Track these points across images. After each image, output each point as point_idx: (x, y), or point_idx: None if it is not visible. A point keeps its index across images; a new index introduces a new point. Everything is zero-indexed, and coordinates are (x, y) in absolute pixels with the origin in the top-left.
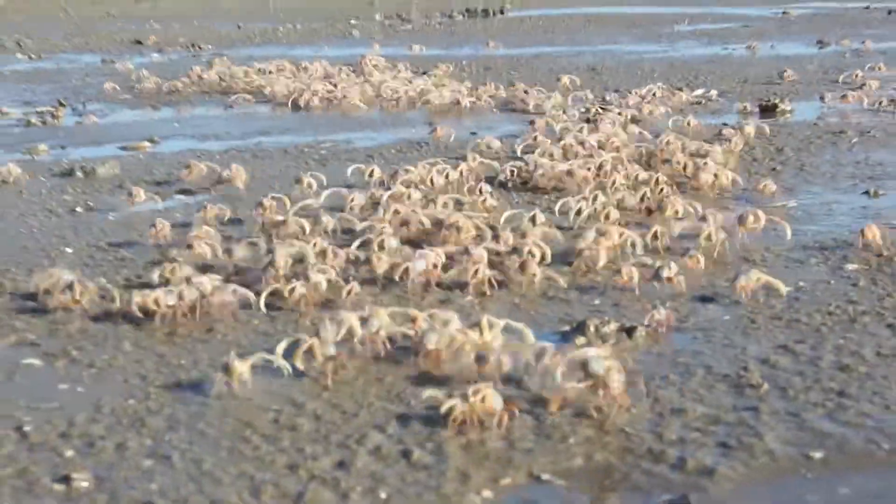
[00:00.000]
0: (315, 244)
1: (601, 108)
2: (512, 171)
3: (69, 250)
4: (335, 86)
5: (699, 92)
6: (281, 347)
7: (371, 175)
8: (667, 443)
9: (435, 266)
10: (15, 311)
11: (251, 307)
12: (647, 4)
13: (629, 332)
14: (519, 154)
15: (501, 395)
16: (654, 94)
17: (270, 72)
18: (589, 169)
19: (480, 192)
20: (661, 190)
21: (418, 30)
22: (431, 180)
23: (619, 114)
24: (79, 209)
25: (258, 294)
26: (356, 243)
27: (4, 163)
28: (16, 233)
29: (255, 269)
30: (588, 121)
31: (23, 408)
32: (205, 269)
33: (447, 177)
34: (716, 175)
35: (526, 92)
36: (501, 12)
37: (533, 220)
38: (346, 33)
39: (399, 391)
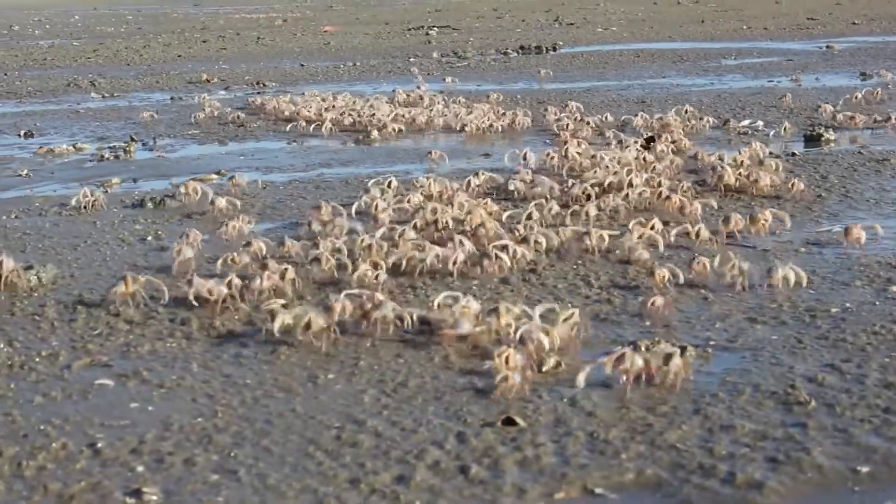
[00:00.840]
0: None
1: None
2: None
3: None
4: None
5: (746, 122)
6: None
7: (389, 186)
8: (717, 458)
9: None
10: (89, 335)
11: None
12: (694, 40)
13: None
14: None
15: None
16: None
17: (326, 102)
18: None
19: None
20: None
21: (474, 66)
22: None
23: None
24: (149, 238)
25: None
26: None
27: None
28: (90, 260)
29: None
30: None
31: (96, 425)
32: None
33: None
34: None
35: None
36: (554, 49)
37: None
38: (405, 70)
39: (457, 409)
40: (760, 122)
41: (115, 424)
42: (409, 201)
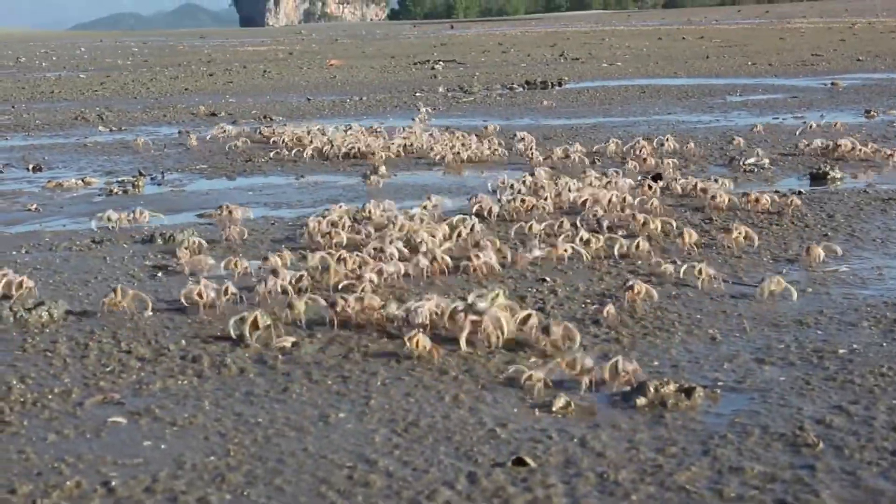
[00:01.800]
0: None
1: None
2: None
3: (149, 313)
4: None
5: (752, 160)
6: None
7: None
8: (726, 500)
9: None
10: (101, 371)
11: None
12: (699, 76)
13: (688, 392)
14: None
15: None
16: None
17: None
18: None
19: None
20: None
21: (480, 101)
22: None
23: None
24: (159, 274)
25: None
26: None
27: (89, 229)
28: (101, 296)
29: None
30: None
31: (109, 463)
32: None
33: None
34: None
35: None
36: (559, 84)
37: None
38: (411, 105)
39: (467, 449)
40: (766, 160)
41: (128, 463)
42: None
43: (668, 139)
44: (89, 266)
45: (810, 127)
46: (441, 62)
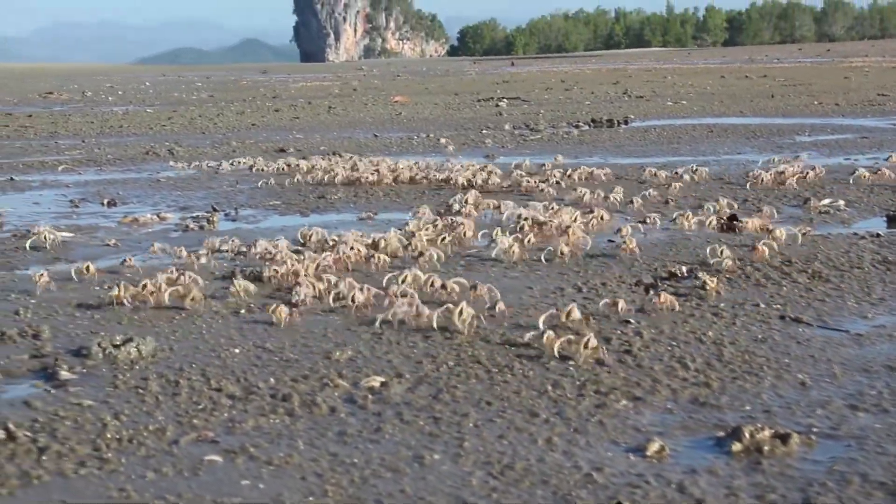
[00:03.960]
0: None
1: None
2: None
3: (237, 351)
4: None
5: (827, 201)
6: None
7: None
8: None
9: None
10: (193, 409)
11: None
12: (766, 115)
13: (784, 438)
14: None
15: None
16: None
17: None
18: None
19: None
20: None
21: (547, 139)
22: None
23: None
24: (242, 311)
25: None
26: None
27: (168, 264)
28: (186, 333)
29: None
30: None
31: (209, 502)
32: None
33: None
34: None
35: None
36: (625, 122)
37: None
38: (479, 142)
39: (565, 493)
40: (841, 202)
41: (227, 502)
42: None
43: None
44: (173, 302)
45: (863, 176)
46: (505, 99)
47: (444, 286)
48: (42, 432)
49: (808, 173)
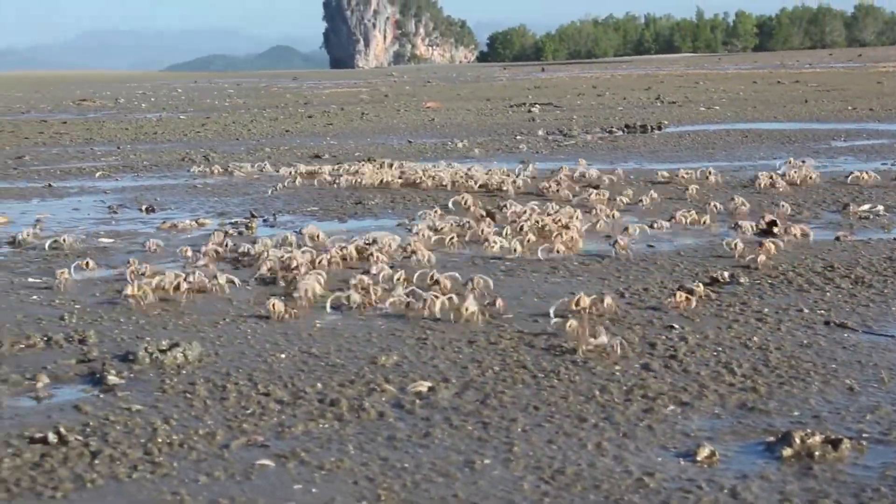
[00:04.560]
0: None
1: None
2: None
3: (283, 356)
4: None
5: (866, 207)
6: None
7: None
8: None
9: None
10: (242, 414)
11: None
12: (800, 121)
13: (835, 444)
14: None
15: None
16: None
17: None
18: None
19: None
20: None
21: (582, 145)
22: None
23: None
24: (286, 317)
25: None
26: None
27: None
28: (231, 338)
29: None
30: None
31: None
32: None
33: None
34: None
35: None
36: (659, 128)
37: None
38: (513, 148)
39: (617, 498)
40: (881, 207)
41: None
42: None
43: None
44: (216, 307)
45: None
46: (537, 105)
47: (437, 282)
48: (93, 436)
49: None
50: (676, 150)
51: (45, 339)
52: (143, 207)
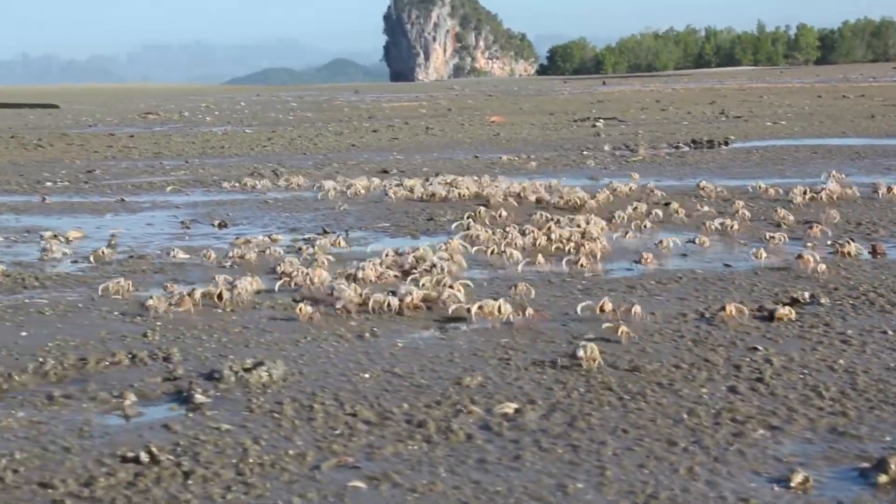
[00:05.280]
0: None
1: None
2: None
3: (367, 375)
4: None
5: None
6: None
7: None
8: None
9: None
10: (331, 434)
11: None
12: (869, 136)
13: None
14: None
15: None
16: None
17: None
18: None
19: None
20: None
21: (649, 160)
22: None
23: None
24: (366, 335)
25: None
26: None
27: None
28: (314, 357)
29: None
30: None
31: None
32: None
33: None
34: None
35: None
36: (726, 143)
37: None
38: (580, 163)
39: None
40: None
41: None
42: None
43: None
44: (295, 326)
45: None
46: (601, 119)
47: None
48: (185, 456)
49: None
50: (746, 165)
51: (130, 356)
52: (216, 223)
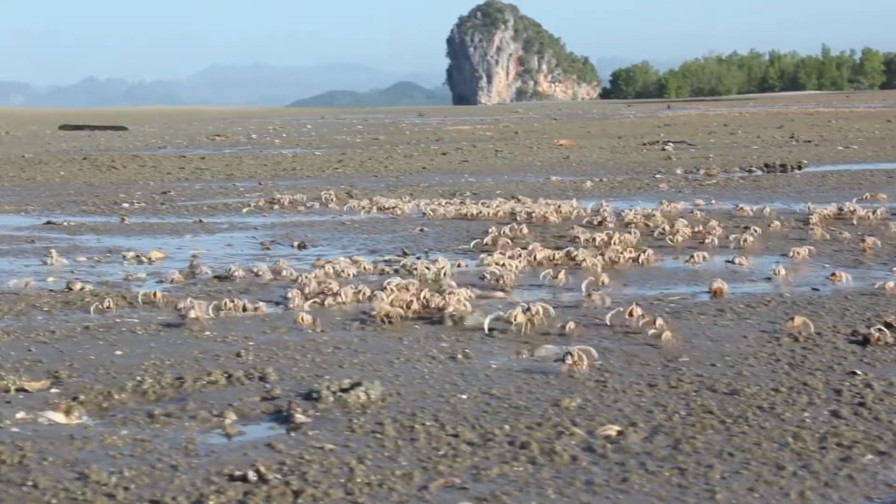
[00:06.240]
0: None
1: None
2: None
3: (464, 397)
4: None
5: None
6: None
7: None
8: None
9: None
10: (435, 455)
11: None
12: None
13: None
14: None
15: None
16: None
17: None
18: None
19: None
20: None
21: (724, 184)
22: None
23: None
24: (459, 356)
25: None
26: None
27: (371, 307)
28: (410, 378)
29: None
30: None
31: None
32: None
33: None
34: None
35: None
36: (799, 168)
37: None
38: (653, 187)
39: None
40: None
41: None
42: None
43: None
44: (387, 346)
45: None
46: (671, 143)
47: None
48: (292, 475)
49: None
50: (821, 189)
51: (226, 375)
52: (296, 244)
